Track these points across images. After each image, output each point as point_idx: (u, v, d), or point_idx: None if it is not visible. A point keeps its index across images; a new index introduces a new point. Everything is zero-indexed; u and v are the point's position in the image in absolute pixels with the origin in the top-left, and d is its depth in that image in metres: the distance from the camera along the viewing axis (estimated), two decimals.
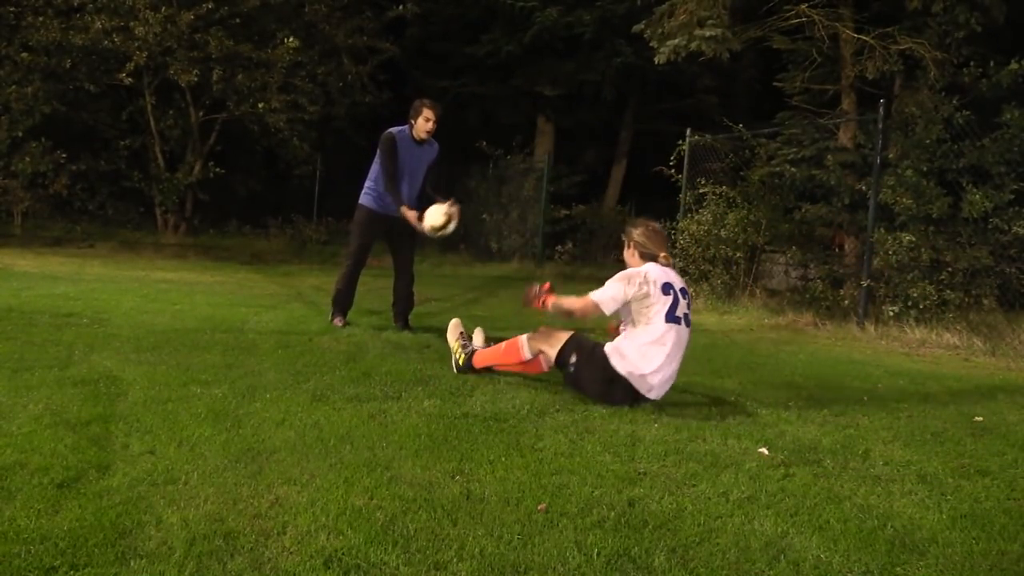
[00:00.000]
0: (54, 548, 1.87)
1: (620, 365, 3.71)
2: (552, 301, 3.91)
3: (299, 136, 13.85)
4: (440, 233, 5.38)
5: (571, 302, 3.93)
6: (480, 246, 15.16)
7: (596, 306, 3.79)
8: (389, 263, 6.09)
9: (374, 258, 6.25)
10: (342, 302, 5.86)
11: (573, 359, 3.84)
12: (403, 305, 5.99)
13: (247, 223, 16.81)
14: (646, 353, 3.70)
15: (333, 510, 2.19)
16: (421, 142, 5.82)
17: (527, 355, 4.01)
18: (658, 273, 3.80)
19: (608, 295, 3.78)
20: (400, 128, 5.84)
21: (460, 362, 4.25)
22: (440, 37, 16.98)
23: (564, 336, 3.92)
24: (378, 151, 5.81)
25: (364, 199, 5.87)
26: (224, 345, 4.59)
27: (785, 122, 10.36)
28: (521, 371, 4.13)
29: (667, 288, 3.76)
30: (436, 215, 5.32)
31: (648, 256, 3.91)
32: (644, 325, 3.75)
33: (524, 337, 4.03)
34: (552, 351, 3.91)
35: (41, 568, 1.79)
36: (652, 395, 3.74)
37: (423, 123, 5.76)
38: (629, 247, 3.99)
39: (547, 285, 4.02)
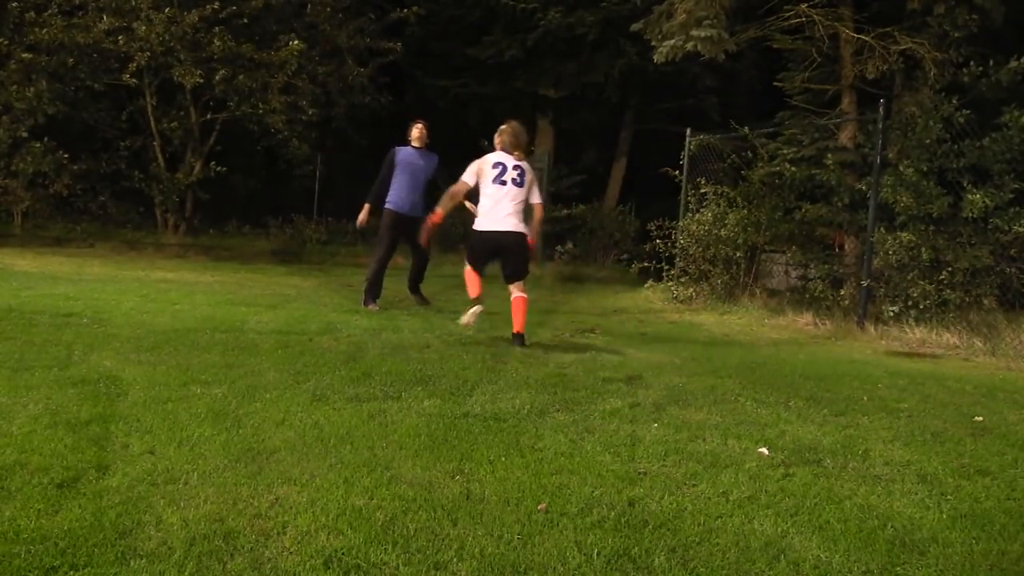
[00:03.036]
0: (54, 548, 1.88)
1: (477, 224, 5.46)
2: (437, 213, 5.62)
3: (298, 137, 13.85)
4: None
5: (446, 197, 5.57)
6: None
7: (462, 182, 5.47)
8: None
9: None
10: (373, 290, 6.98)
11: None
12: (416, 277, 7.37)
13: (247, 223, 16.81)
14: (484, 205, 5.42)
15: (333, 510, 2.19)
16: (420, 151, 7.19)
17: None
18: (494, 157, 5.47)
19: (465, 176, 5.49)
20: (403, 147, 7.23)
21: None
22: (441, 37, 16.97)
23: None
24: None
25: (387, 205, 7.08)
26: (224, 345, 4.59)
27: (785, 122, 10.36)
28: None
29: (496, 165, 5.41)
30: None
31: (505, 150, 5.50)
32: (483, 191, 5.43)
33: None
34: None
35: (41, 568, 1.79)
36: (501, 227, 5.36)
37: (415, 134, 7.21)
38: (497, 139, 5.57)
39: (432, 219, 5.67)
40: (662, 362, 5.06)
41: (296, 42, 12.65)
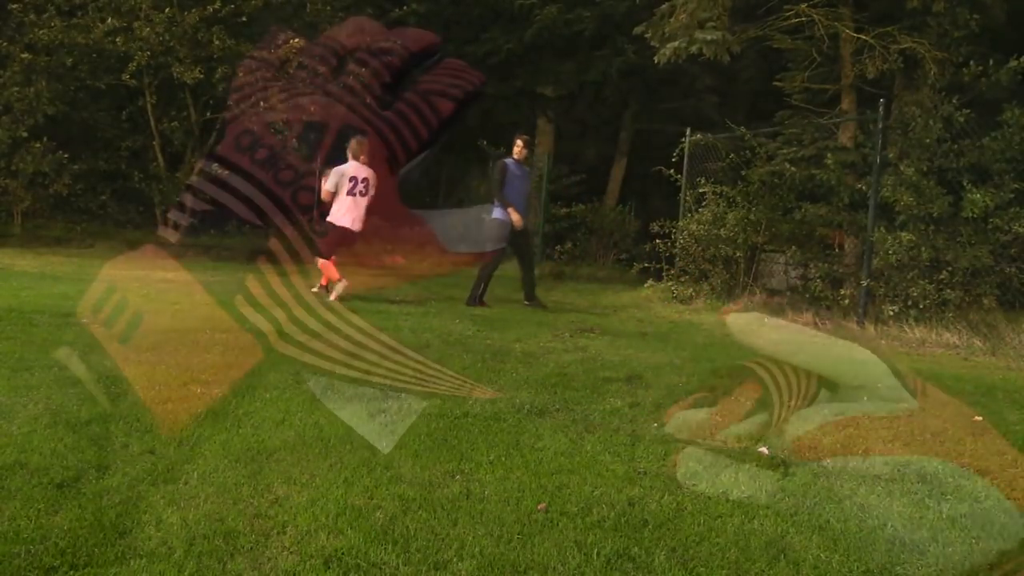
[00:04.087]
0: (54, 548, 1.87)
1: (340, 221, 7.30)
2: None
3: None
4: None
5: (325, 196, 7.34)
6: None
7: (326, 191, 7.29)
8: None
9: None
10: (480, 292, 7.84)
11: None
12: (529, 286, 7.94)
13: (247, 223, 16.79)
14: (339, 211, 7.32)
15: (333, 510, 2.19)
16: (521, 164, 7.94)
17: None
18: (348, 169, 7.24)
19: (328, 185, 7.27)
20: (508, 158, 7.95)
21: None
22: (440, 37, 16.97)
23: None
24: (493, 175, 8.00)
25: (502, 217, 7.73)
26: (224, 345, 4.59)
27: (785, 122, 10.35)
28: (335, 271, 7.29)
29: (351, 179, 7.22)
30: None
31: (355, 158, 7.23)
32: (339, 197, 7.29)
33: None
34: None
35: (41, 568, 1.79)
36: (355, 227, 7.35)
37: (516, 149, 7.93)
38: (349, 150, 7.24)
39: None
40: (662, 362, 5.06)
41: (296, 40, 12.66)
